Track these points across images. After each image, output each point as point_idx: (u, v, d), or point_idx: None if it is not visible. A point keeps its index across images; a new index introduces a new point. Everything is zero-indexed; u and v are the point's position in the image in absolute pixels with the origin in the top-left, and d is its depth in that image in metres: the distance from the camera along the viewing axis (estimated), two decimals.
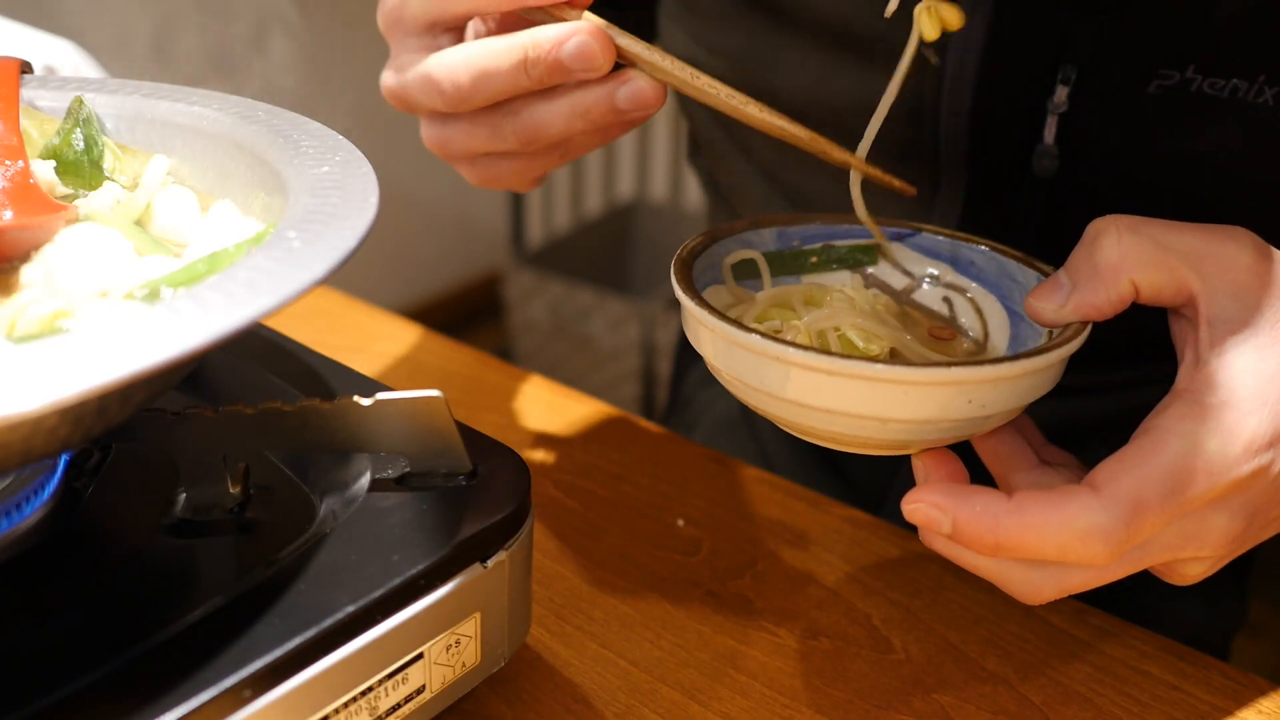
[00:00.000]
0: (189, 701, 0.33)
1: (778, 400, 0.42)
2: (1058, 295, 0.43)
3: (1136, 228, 0.41)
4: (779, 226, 0.51)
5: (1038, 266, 0.47)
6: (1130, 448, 0.39)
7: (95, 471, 0.44)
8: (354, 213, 0.37)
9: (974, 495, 0.39)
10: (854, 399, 0.40)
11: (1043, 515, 0.38)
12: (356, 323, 0.75)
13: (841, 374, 0.39)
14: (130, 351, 0.29)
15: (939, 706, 0.46)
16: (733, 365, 0.42)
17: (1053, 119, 0.54)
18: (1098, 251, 0.41)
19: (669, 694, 0.47)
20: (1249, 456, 0.38)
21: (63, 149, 0.46)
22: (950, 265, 0.51)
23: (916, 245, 0.52)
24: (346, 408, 0.42)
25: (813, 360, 0.39)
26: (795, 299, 0.48)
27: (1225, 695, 0.47)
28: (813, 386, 0.40)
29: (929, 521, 0.40)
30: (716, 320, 0.41)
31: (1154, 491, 0.37)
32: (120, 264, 0.40)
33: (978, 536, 0.38)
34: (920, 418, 0.40)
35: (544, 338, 2.22)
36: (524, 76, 0.44)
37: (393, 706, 0.40)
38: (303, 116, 0.46)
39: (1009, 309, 0.49)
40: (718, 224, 0.79)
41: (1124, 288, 0.41)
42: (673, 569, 0.53)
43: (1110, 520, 0.37)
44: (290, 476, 0.46)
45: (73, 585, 0.39)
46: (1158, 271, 0.40)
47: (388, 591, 0.38)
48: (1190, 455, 0.38)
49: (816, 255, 0.52)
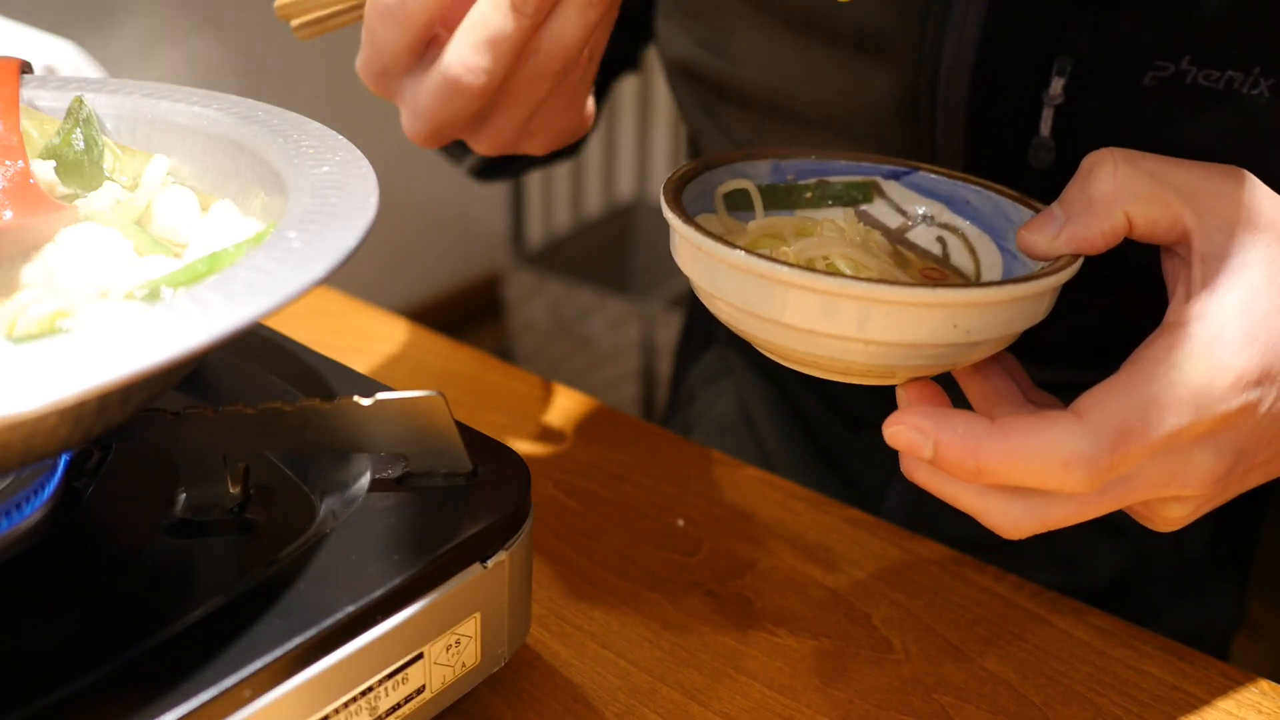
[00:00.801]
0: (189, 701, 0.33)
1: (762, 321, 0.41)
2: (1050, 227, 0.42)
3: (1133, 160, 0.41)
4: (774, 159, 0.50)
5: (1033, 205, 0.47)
6: (1117, 377, 0.38)
7: (95, 471, 0.44)
8: (354, 213, 0.37)
9: (956, 418, 0.38)
10: (839, 320, 0.39)
11: (1024, 439, 0.37)
12: (356, 323, 0.75)
13: (827, 291, 0.38)
14: (130, 351, 0.29)
15: (939, 706, 0.46)
16: (718, 284, 0.41)
17: (1048, 111, 0.54)
18: (1092, 183, 0.41)
19: (669, 694, 0.47)
20: (1237, 391, 0.38)
21: (63, 149, 0.46)
22: (946, 204, 0.50)
23: (912, 184, 0.51)
24: (346, 408, 0.42)
25: (798, 277, 0.39)
26: (787, 230, 0.48)
27: (1225, 695, 0.47)
28: (797, 305, 0.39)
29: (910, 445, 0.39)
30: (703, 238, 0.41)
31: (1139, 420, 0.37)
32: (120, 264, 0.40)
33: (959, 460, 0.38)
34: (905, 340, 0.39)
35: (544, 338, 2.22)
36: (525, 17, 0.43)
37: (393, 706, 0.40)
38: (303, 116, 0.46)
39: (1003, 249, 0.48)
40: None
41: (1118, 220, 0.41)
42: (673, 569, 0.53)
43: (1093, 446, 0.37)
44: (290, 476, 0.46)
45: (73, 585, 0.39)
46: (1152, 205, 0.40)
47: (388, 591, 0.38)
48: (1178, 386, 0.37)
49: (811, 190, 0.51)
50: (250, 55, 1.98)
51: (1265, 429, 0.40)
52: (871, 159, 0.51)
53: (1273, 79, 0.50)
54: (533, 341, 2.24)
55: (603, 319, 2.12)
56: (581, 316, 2.14)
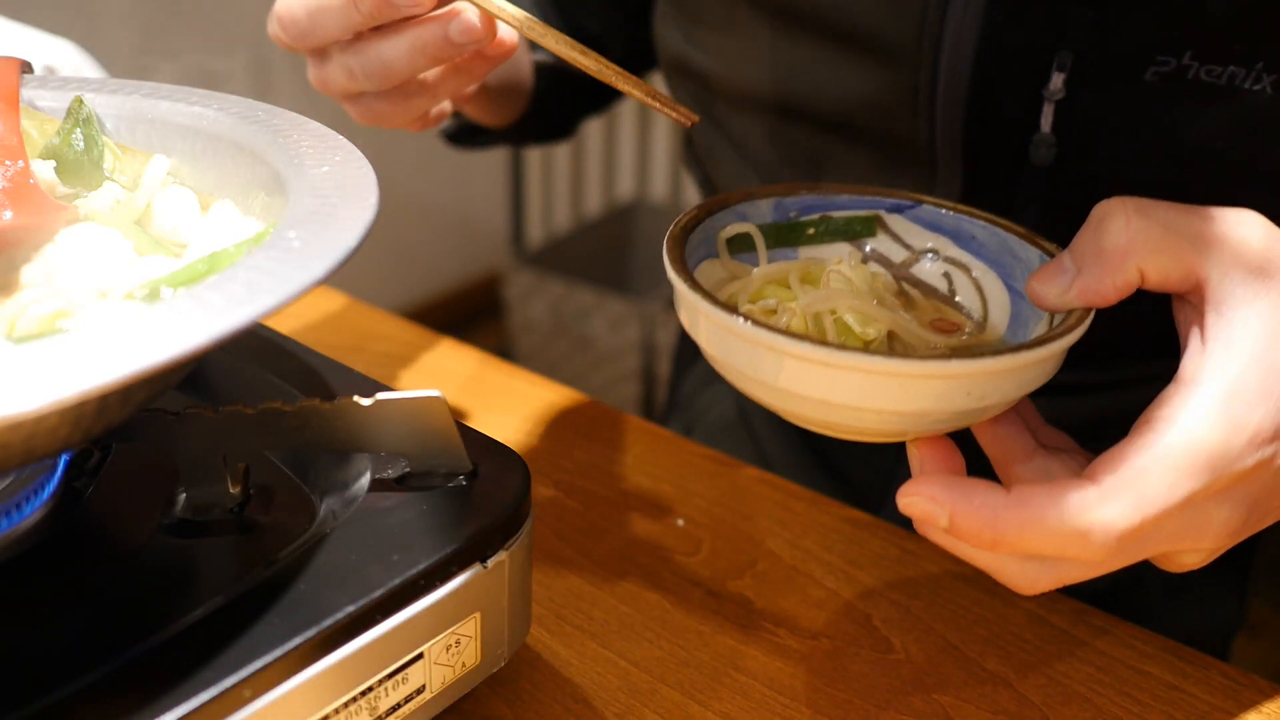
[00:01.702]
0: (189, 701, 0.33)
1: (771, 389, 0.41)
2: (1061, 279, 0.41)
3: (1145, 210, 0.40)
4: (776, 197, 0.50)
5: (1040, 244, 0.46)
6: (1132, 439, 0.38)
7: (95, 471, 0.44)
8: (354, 213, 0.37)
9: (972, 489, 0.38)
10: (849, 390, 0.39)
11: (1041, 511, 0.37)
12: (356, 323, 0.75)
13: (836, 365, 0.38)
14: (130, 351, 0.29)
15: (939, 706, 0.46)
16: (727, 352, 0.41)
17: (1049, 107, 0.54)
18: (1104, 235, 0.40)
19: (669, 694, 0.47)
20: (1253, 449, 0.38)
21: (63, 149, 0.46)
22: (951, 239, 0.50)
23: (916, 218, 0.50)
24: (346, 408, 0.42)
25: (806, 350, 0.38)
26: (792, 275, 0.47)
27: (1225, 695, 0.47)
28: (806, 376, 0.39)
29: (926, 515, 0.39)
30: (710, 306, 0.40)
31: (1155, 487, 0.37)
32: (120, 264, 0.40)
33: (976, 532, 0.37)
34: (916, 409, 0.39)
35: (544, 338, 2.22)
36: (355, 12, 0.47)
37: (393, 706, 0.40)
38: (303, 116, 0.46)
39: (1010, 287, 0.48)
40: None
41: (1131, 273, 0.40)
42: (673, 569, 0.53)
43: (1110, 517, 0.36)
44: (290, 476, 0.46)
45: (73, 585, 0.39)
46: (1166, 257, 0.39)
47: (388, 591, 0.38)
48: (1194, 448, 0.37)
49: (814, 227, 0.50)
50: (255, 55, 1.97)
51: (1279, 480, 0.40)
52: (874, 192, 0.50)
53: (1275, 74, 0.50)
54: (533, 341, 2.23)
55: (603, 319, 2.12)
56: (581, 316, 2.14)
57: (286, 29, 0.49)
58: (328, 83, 0.51)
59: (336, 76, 0.50)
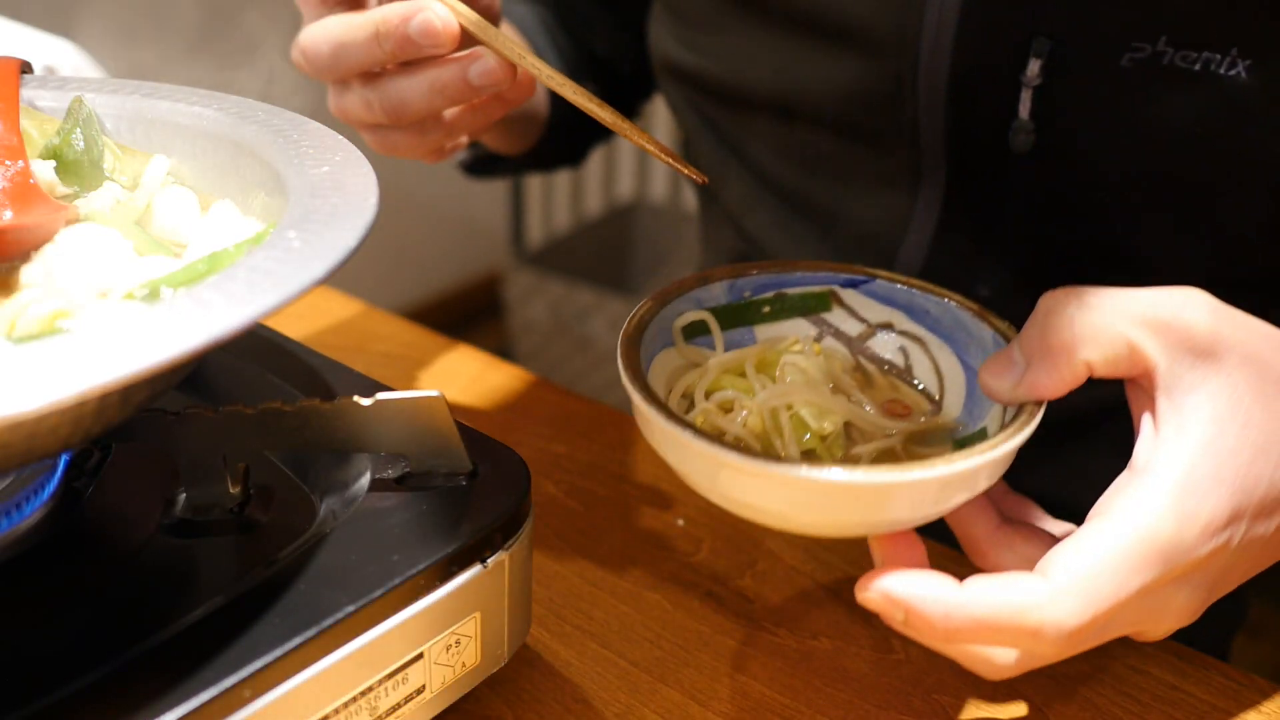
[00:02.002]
0: (189, 701, 0.33)
1: (734, 502, 0.41)
2: (1011, 373, 0.42)
3: (1088, 302, 0.40)
4: (728, 279, 0.50)
5: (992, 322, 0.46)
6: (1086, 532, 0.38)
7: (95, 471, 0.44)
8: (354, 213, 0.37)
9: (926, 585, 0.38)
10: (812, 503, 0.39)
11: (993, 610, 0.37)
12: (356, 323, 0.75)
13: (797, 483, 0.38)
14: (130, 351, 0.29)
15: (939, 706, 0.46)
16: (685, 462, 0.41)
17: (1027, 93, 0.54)
18: (1050, 331, 0.40)
19: (669, 694, 0.47)
20: (1206, 539, 0.38)
21: (63, 149, 0.46)
22: (906, 314, 0.50)
23: (871, 292, 0.51)
24: (346, 408, 0.42)
25: (766, 469, 0.38)
26: (748, 364, 0.48)
27: (1225, 695, 0.47)
28: (767, 491, 0.39)
29: (882, 611, 0.39)
30: (669, 424, 0.40)
31: (1107, 584, 0.37)
32: (120, 264, 0.40)
33: (930, 630, 0.38)
34: (877, 519, 0.40)
35: (544, 338, 2.22)
36: (378, 49, 0.48)
37: (393, 706, 0.40)
38: (303, 116, 0.46)
39: (964, 363, 0.49)
40: (706, 228, 0.79)
41: (1078, 368, 0.40)
42: (673, 569, 0.53)
43: (1060, 616, 0.37)
44: (290, 476, 0.46)
45: (73, 585, 0.39)
46: (1113, 347, 0.39)
47: (388, 591, 0.38)
48: (1146, 542, 0.37)
49: (769, 305, 0.51)
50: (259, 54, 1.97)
51: (1237, 559, 0.40)
52: (829, 268, 0.51)
53: (1249, 59, 0.50)
54: (533, 341, 2.23)
55: (603, 319, 2.11)
56: (581, 316, 2.14)
57: (310, 60, 0.50)
58: (346, 112, 0.52)
59: (355, 107, 0.51)
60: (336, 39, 0.48)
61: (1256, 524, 0.39)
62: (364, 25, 0.47)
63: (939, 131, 0.57)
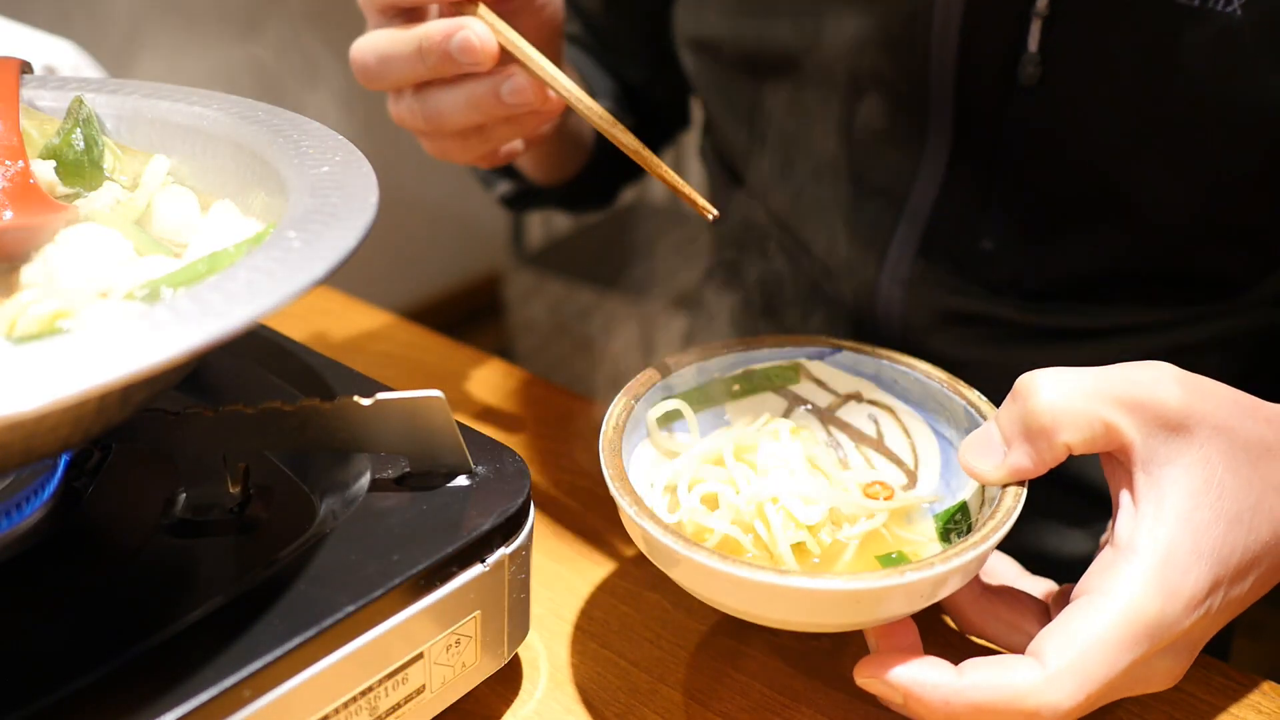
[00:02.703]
0: (189, 701, 0.33)
1: (728, 606, 0.42)
2: (992, 456, 0.43)
3: (1066, 382, 0.41)
4: (697, 363, 0.51)
5: (962, 393, 0.47)
6: (1072, 614, 0.39)
7: (95, 471, 0.44)
8: (354, 213, 0.37)
9: (923, 671, 0.40)
10: (804, 608, 0.40)
11: (991, 695, 0.38)
12: (356, 323, 0.75)
13: (790, 591, 0.39)
14: (130, 351, 0.29)
15: None
16: (676, 568, 0.42)
17: (1036, 24, 0.56)
18: (1030, 414, 0.41)
19: (669, 694, 0.47)
20: (1189, 612, 0.39)
21: (63, 149, 0.46)
22: (874, 383, 0.51)
23: (838, 363, 0.52)
24: (346, 408, 0.42)
25: (760, 577, 0.39)
26: (726, 454, 0.48)
27: (1225, 695, 0.47)
28: (764, 598, 0.40)
29: (882, 696, 0.41)
30: (657, 531, 0.41)
31: (1098, 666, 0.38)
32: (120, 264, 0.40)
33: (930, 713, 0.40)
34: (872, 617, 0.41)
35: (544, 338, 2.21)
36: (420, 64, 0.49)
37: (393, 706, 0.40)
38: (303, 116, 0.46)
39: (937, 432, 0.49)
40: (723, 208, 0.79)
41: (1058, 449, 0.41)
42: None
43: (1056, 699, 0.38)
44: (290, 476, 0.46)
45: (73, 585, 0.39)
46: (1090, 428, 0.41)
47: (388, 591, 0.38)
48: (1133, 622, 0.38)
49: (739, 383, 0.52)
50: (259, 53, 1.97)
51: (1216, 621, 0.41)
52: (793, 341, 0.52)
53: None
54: (533, 341, 2.23)
55: (603, 319, 2.11)
56: (581, 316, 2.14)
57: (358, 70, 0.52)
58: (401, 119, 0.54)
59: (405, 115, 0.53)
60: (383, 51, 0.50)
61: (1233, 588, 0.41)
62: (409, 40, 0.49)
63: (949, 70, 0.59)
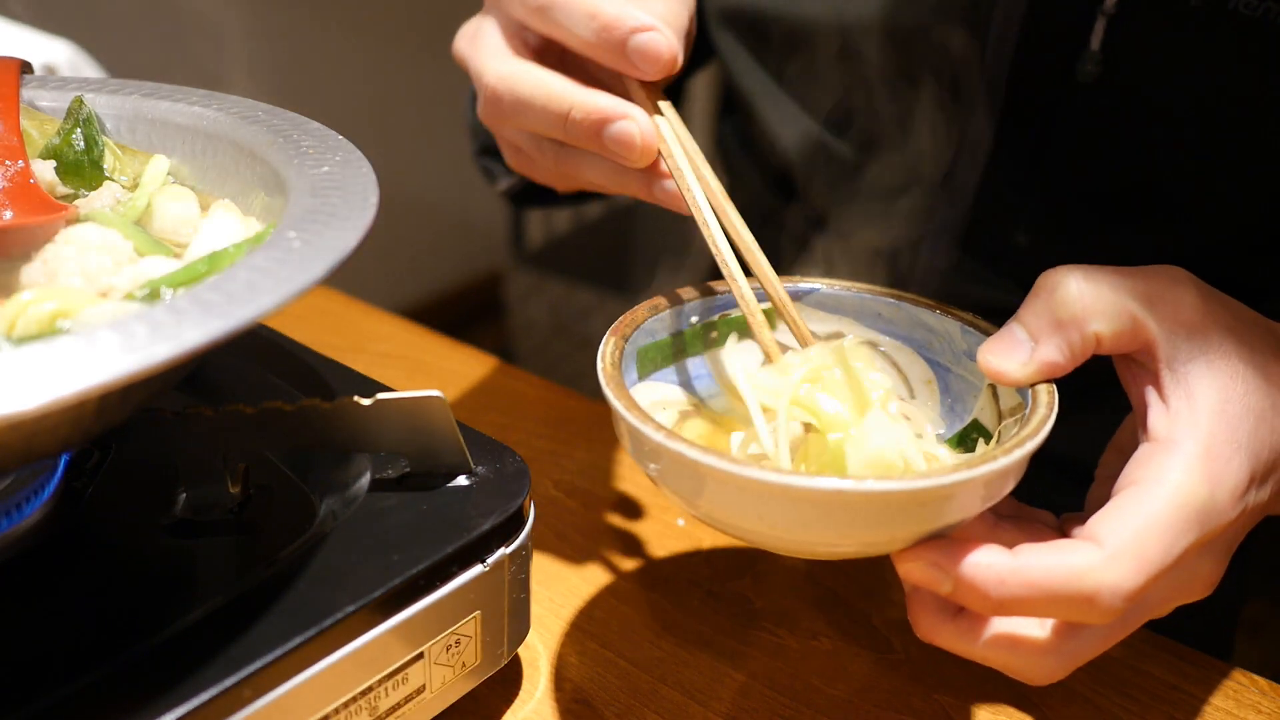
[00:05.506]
0: (189, 701, 0.33)
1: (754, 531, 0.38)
2: (1019, 352, 0.40)
3: (1092, 276, 0.40)
4: (674, 307, 0.47)
5: (956, 314, 0.45)
6: (1123, 500, 0.38)
7: (95, 471, 0.44)
8: (354, 213, 0.37)
9: (975, 550, 0.37)
10: (835, 521, 0.36)
11: (1049, 574, 0.36)
12: (356, 323, 0.75)
13: (824, 500, 0.35)
14: (130, 351, 0.29)
15: (939, 706, 0.46)
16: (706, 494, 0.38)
17: (1101, 23, 0.55)
18: (1058, 305, 0.40)
19: (669, 694, 0.47)
20: (1235, 501, 0.38)
21: (63, 149, 0.46)
22: (854, 319, 0.48)
23: (817, 302, 0.48)
24: (346, 408, 0.42)
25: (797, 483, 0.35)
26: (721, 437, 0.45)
27: (1225, 695, 0.47)
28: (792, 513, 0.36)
29: (927, 580, 0.37)
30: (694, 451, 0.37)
31: (1156, 547, 0.37)
32: (120, 264, 0.40)
33: (981, 596, 0.36)
34: (909, 533, 0.37)
35: (544, 338, 2.22)
36: (560, 129, 0.45)
37: (393, 706, 0.40)
38: (303, 116, 0.46)
39: (930, 360, 0.46)
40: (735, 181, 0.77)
41: (1089, 341, 0.40)
42: (673, 569, 0.53)
43: (1116, 579, 0.36)
44: (290, 476, 0.46)
45: (73, 585, 0.39)
46: (1119, 320, 0.39)
47: (388, 591, 0.38)
48: (1186, 506, 0.37)
49: (715, 329, 0.48)
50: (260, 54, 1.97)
51: (1249, 521, 0.41)
52: (769, 281, 0.46)
53: None
54: (533, 341, 2.23)
55: (603, 319, 2.11)
56: (581, 316, 2.14)
57: (486, 101, 0.47)
58: (499, 126, 0.50)
59: (521, 139, 0.49)
60: (525, 98, 0.45)
61: (1261, 489, 0.40)
62: (559, 101, 0.44)
63: (1005, 60, 0.58)
